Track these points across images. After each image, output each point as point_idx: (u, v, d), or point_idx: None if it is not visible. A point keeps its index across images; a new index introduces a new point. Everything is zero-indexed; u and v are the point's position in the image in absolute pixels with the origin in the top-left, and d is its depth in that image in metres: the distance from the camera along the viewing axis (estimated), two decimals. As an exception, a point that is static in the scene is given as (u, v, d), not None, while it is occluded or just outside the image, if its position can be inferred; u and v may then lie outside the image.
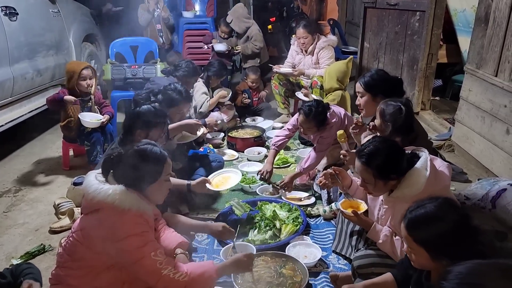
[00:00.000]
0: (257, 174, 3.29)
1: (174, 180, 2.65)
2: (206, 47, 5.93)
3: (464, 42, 4.87)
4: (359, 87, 2.68)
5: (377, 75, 2.65)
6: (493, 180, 3.02)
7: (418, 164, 1.86)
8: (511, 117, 3.08)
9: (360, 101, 2.70)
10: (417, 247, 1.44)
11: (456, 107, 3.99)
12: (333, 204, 2.81)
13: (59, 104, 3.50)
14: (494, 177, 3.17)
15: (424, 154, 1.90)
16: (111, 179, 1.78)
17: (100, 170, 1.83)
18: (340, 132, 2.59)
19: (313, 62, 4.69)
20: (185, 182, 2.66)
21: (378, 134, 2.46)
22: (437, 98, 5.36)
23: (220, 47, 5.57)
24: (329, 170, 2.32)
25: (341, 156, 2.59)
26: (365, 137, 2.60)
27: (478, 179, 3.20)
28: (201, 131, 3.10)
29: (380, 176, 1.86)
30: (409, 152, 1.94)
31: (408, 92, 4.58)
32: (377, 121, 2.36)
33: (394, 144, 1.96)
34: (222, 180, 2.82)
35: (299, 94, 4.56)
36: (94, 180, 1.75)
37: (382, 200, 2.05)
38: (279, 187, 3.15)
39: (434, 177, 1.83)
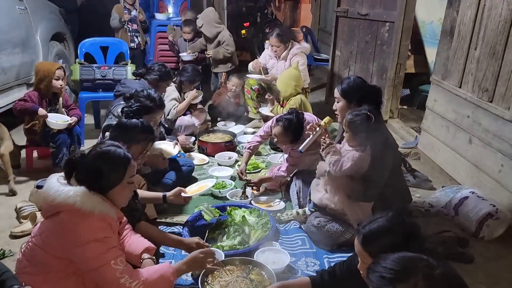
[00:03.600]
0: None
1: (148, 194, 2.61)
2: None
3: (431, 53, 5.01)
4: (336, 92, 2.73)
5: (353, 83, 2.70)
6: (456, 188, 3.12)
7: None
8: (474, 127, 3.19)
9: (336, 106, 2.75)
10: (370, 259, 1.48)
11: (422, 116, 4.11)
12: (306, 208, 2.82)
13: (31, 114, 3.38)
14: (457, 185, 3.28)
15: None
16: (74, 181, 1.73)
17: (63, 173, 1.77)
18: (327, 119, 2.72)
19: (286, 67, 4.72)
20: (160, 194, 2.61)
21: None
22: (405, 107, 5.49)
23: (187, 57, 5.54)
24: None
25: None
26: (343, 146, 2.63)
27: (442, 187, 3.30)
28: (176, 148, 3.26)
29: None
30: None
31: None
32: (346, 134, 2.47)
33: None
34: (198, 189, 2.79)
35: (263, 110, 4.59)
36: (55, 182, 1.69)
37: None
38: (248, 183, 3.22)
39: None
